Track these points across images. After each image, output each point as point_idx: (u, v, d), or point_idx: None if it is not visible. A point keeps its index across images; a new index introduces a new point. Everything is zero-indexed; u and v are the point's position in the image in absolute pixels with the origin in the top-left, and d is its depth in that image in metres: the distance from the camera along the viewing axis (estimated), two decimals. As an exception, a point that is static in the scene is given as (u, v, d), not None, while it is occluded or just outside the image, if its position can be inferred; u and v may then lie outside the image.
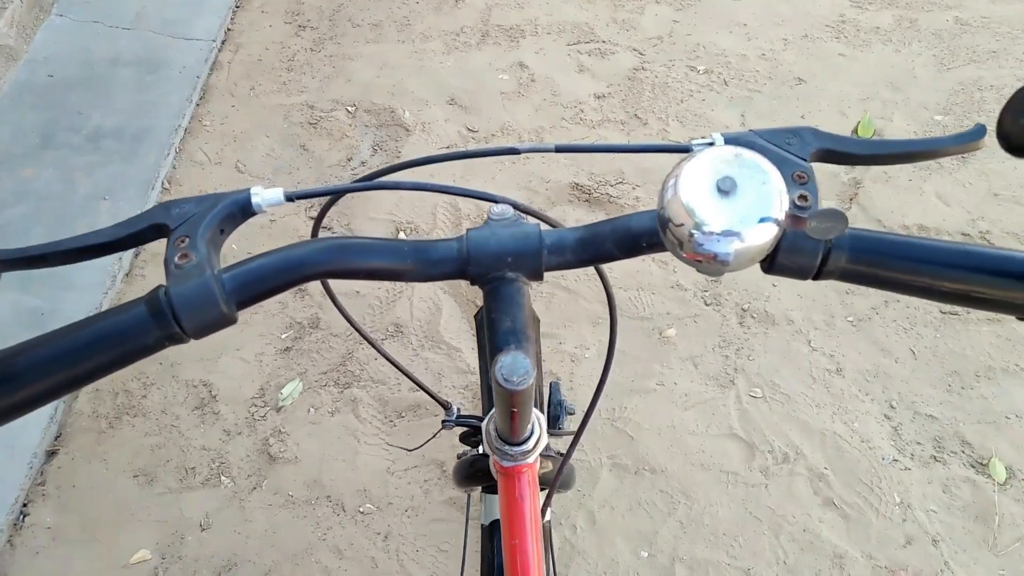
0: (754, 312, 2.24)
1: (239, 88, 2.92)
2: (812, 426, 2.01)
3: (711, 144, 0.63)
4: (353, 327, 0.90)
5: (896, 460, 1.96)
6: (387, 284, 2.32)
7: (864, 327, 2.22)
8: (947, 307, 2.27)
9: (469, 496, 1.39)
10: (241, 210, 0.61)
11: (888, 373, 2.12)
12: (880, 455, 1.97)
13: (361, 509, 1.89)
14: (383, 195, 2.56)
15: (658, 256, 2.39)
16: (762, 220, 0.48)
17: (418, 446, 1.68)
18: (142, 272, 2.36)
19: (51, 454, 1.99)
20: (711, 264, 0.50)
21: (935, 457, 1.96)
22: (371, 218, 2.50)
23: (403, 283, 2.31)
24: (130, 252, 2.38)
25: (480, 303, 0.65)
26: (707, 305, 2.27)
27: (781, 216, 0.49)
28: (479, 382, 1.38)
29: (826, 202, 2.52)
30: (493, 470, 0.81)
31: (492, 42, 3.12)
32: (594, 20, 3.20)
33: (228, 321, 0.54)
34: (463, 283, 2.32)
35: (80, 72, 2.88)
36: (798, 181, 0.57)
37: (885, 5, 3.24)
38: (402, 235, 2.44)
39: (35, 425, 1.96)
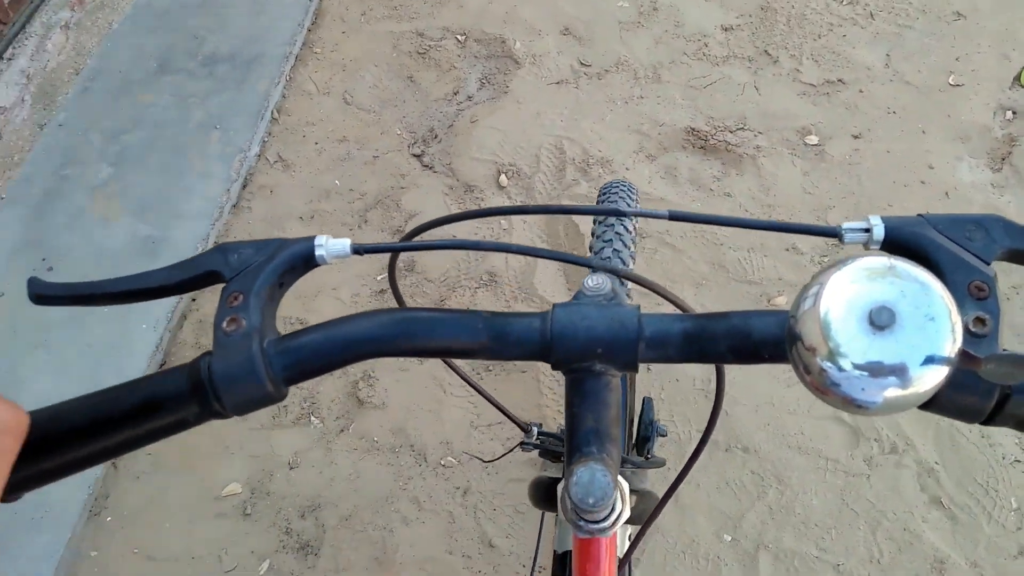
0: (876, 283, 2.05)
1: (350, 13, 2.86)
2: (928, 415, 1.85)
3: (867, 231, 0.53)
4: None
5: (1018, 461, 1.78)
6: (484, 231, 2.26)
7: (1007, 307, 2.00)
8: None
9: (543, 515, 1.33)
10: (304, 262, 0.56)
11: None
12: (1001, 453, 1.79)
13: (443, 462, 1.89)
14: (487, 134, 2.47)
15: (775, 215, 2.22)
16: (925, 363, 0.38)
17: (496, 458, 1.64)
18: (249, 204, 2.39)
19: (158, 381, 2.08)
20: (845, 405, 0.41)
21: (1067, 463, 1.77)
22: (474, 158, 2.43)
23: (501, 226, 2.25)
24: (238, 182, 2.41)
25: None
26: (823, 272, 2.10)
27: (952, 356, 0.39)
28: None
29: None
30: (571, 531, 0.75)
31: (614, -35, 2.91)
32: (728, -59, 2.92)
33: (274, 400, 0.50)
34: (561, 232, 2.24)
35: (198, -6, 2.89)
36: (976, 295, 0.47)
37: (1074, -76, 2.80)
38: (504, 177, 2.36)
39: (142, 352, 2.04)
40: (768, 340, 0.48)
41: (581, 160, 2.38)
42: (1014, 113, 2.34)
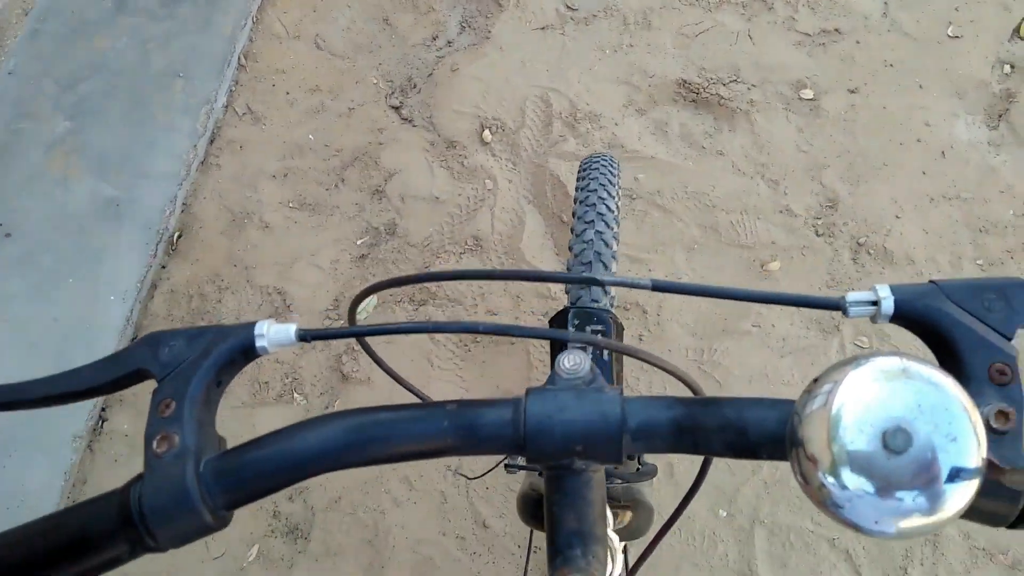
0: (871, 247, 2.02)
1: (319, -53, 2.67)
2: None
3: (874, 304, 0.48)
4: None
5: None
6: (468, 191, 2.17)
7: (996, 272, 1.98)
8: (1098, 256, 1.99)
9: (532, 532, 1.28)
10: (243, 354, 0.50)
11: (1017, 331, 1.90)
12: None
13: (432, 437, 1.85)
14: (468, 84, 2.35)
15: (768, 174, 2.16)
16: (949, 481, 0.34)
17: (479, 475, 1.59)
18: (217, 161, 2.27)
19: (130, 353, 1.99)
20: (850, 527, 0.37)
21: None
22: (455, 110, 2.31)
23: (486, 190, 2.16)
24: (205, 137, 2.27)
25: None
26: (818, 235, 2.05)
27: (976, 467, 0.34)
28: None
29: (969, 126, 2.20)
30: None
31: None
32: None
33: (214, 529, 0.45)
34: (548, 193, 2.15)
35: (153, -76, 2.67)
36: (998, 380, 0.42)
37: None
38: (487, 133, 2.25)
39: (112, 327, 1.95)
40: (766, 439, 0.44)
41: (568, 114, 2.28)
42: (1012, 67, 2.28)
